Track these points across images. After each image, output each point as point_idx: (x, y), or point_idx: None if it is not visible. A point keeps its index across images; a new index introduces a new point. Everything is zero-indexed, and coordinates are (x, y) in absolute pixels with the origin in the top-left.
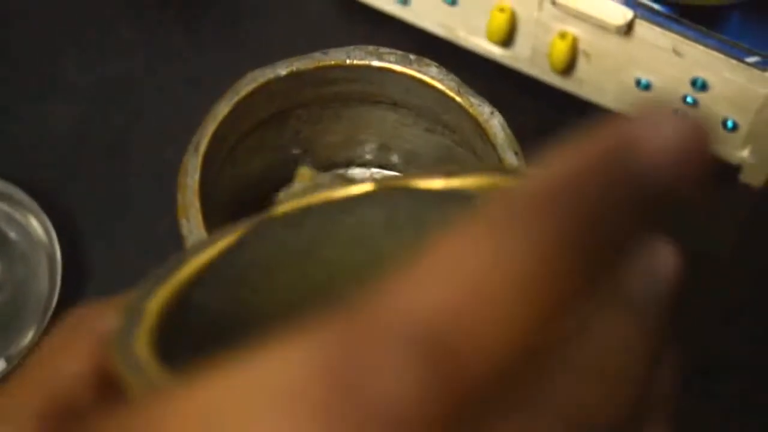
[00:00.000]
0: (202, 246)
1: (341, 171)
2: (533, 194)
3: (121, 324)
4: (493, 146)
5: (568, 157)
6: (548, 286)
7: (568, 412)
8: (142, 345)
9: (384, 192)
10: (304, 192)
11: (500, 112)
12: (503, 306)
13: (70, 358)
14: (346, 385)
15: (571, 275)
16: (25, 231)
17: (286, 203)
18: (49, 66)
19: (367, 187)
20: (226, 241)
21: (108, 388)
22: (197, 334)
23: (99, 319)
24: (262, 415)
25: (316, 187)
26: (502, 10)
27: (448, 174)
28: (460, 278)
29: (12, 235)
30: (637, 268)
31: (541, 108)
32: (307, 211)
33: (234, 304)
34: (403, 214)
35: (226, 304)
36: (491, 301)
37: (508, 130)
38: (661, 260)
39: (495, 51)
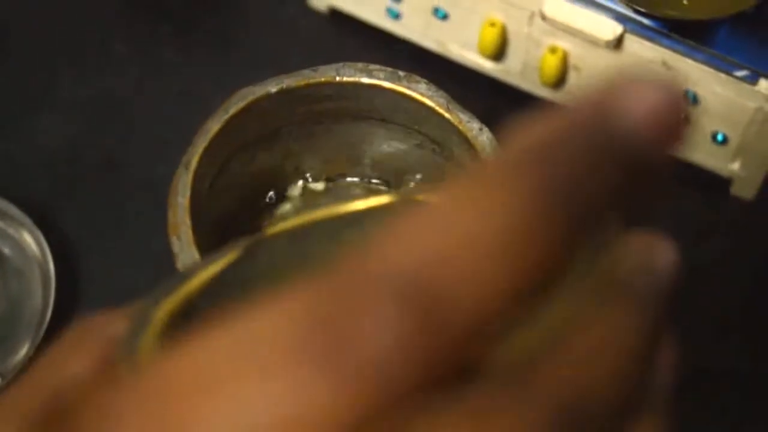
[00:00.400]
0: (209, 260)
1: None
2: (519, 152)
3: (127, 329)
4: None
5: (550, 121)
6: (534, 238)
7: (562, 398)
8: (147, 349)
9: (388, 206)
10: (306, 208)
11: (491, 125)
12: (490, 257)
13: (74, 361)
14: (334, 334)
15: (557, 231)
16: (18, 246)
17: (290, 219)
18: (43, 81)
19: (370, 202)
20: (232, 255)
21: None
22: None
23: (107, 326)
24: (252, 366)
25: (318, 204)
26: (492, 24)
27: None
28: (448, 230)
29: (6, 250)
30: (635, 261)
31: None
32: (313, 225)
33: None
34: None
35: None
36: (478, 253)
37: (497, 146)
38: (659, 254)
39: (486, 65)
